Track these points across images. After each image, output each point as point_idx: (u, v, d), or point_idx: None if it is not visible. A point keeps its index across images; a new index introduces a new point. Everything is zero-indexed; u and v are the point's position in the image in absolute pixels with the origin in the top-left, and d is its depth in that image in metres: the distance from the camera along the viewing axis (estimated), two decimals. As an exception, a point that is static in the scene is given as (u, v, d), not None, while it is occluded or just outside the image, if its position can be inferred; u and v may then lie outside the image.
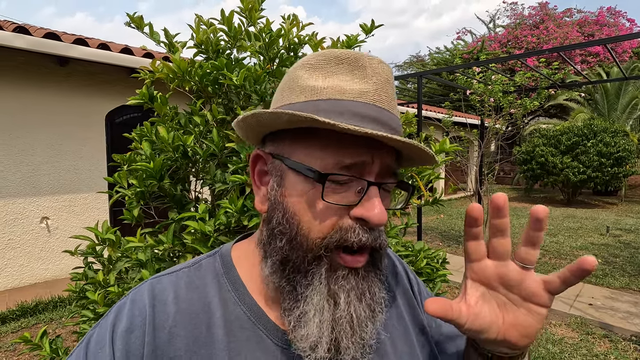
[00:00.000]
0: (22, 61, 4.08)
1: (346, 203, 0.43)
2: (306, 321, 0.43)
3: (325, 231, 0.43)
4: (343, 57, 0.46)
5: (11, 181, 4.12)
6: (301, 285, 0.44)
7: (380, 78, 0.45)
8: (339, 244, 0.43)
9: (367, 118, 0.42)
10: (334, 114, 0.42)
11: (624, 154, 9.52)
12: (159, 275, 0.51)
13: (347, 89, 0.44)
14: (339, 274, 0.44)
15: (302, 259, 0.44)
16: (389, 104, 0.46)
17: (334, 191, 0.43)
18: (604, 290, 4.19)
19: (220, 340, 0.45)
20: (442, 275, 1.40)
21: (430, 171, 1.41)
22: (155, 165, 1.13)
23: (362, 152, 0.43)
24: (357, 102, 0.43)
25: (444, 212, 9.49)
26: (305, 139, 0.44)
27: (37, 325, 3.38)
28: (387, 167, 0.45)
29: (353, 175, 0.43)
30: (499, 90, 5.21)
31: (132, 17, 1.39)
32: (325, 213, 0.43)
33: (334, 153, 0.42)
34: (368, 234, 0.43)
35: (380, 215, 0.42)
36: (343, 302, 0.43)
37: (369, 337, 0.45)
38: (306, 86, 0.45)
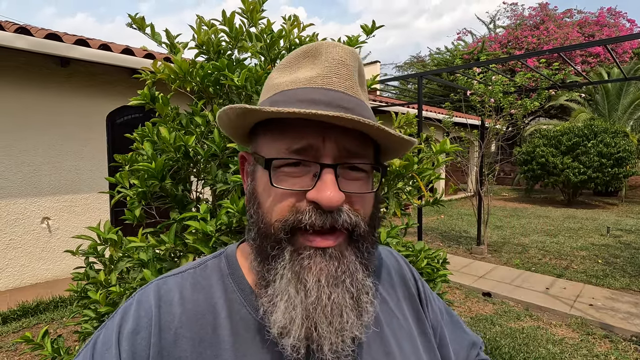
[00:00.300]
0: (23, 62, 4.09)
1: (300, 188, 0.43)
2: (273, 307, 0.43)
3: (281, 214, 0.43)
4: (307, 50, 0.47)
5: (12, 181, 4.13)
6: (268, 271, 0.44)
7: (332, 61, 0.45)
8: (294, 226, 0.42)
9: (312, 101, 0.42)
10: (282, 103, 0.43)
11: (624, 155, 9.51)
12: (164, 276, 0.51)
13: (300, 78, 0.45)
14: (303, 255, 0.42)
15: (266, 245, 0.44)
16: (341, 84, 0.44)
17: (288, 176, 0.43)
18: (605, 291, 4.18)
19: (226, 341, 0.45)
20: (443, 276, 1.40)
21: (430, 171, 1.41)
22: (157, 166, 1.14)
23: (310, 135, 0.42)
24: (305, 89, 0.44)
25: (444, 212, 9.49)
26: (265, 133, 0.46)
27: (38, 325, 3.38)
28: (345, 149, 0.43)
29: (301, 158, 0.42)
30: (499, 90, 5.21)
31: (133, 18, 1.40)
32: (282, 198, 0.43)
33: (283, 140, 0.43)
34: (324, 217, 0.42)
35: (331, 197, 0.41)
36: (312, 286, 0.41)
37: (350, 328, 0.43)
38: (271, 85, 0.48)
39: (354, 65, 0.46)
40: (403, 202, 1.44)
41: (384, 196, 1.39)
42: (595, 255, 5.57)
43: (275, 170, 0.43)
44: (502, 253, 5.78)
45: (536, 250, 5.89)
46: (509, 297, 4.03)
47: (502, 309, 3.77)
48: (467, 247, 6.16)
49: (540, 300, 3.92)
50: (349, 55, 0.46)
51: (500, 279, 4.61)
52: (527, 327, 3.37)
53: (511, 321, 3.50)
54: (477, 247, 5.77)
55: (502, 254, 5.71)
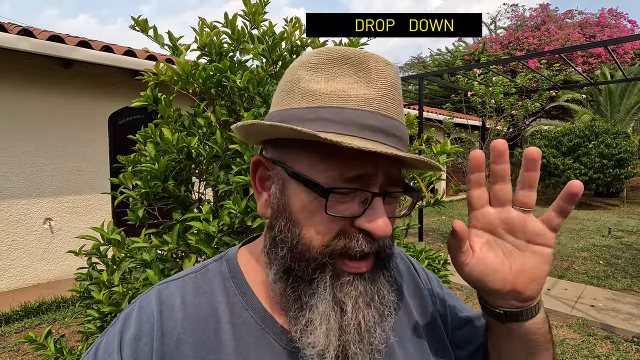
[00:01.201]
0: (26, 63, 4.11)
1: (350, 215, 0.42)
2: (313, 329, 0.43)
3: (328, 240, 0.42)
4: (347, 57, 0.43)
5: (15, 182, 4.14)
6: (306, 294, 0.43)
7: (386, 82, 0.43)
8: (343, 251, 0.42)
9: (371, 128, 0.41)
10: (336, 124, 0.41)
11: (625, 156, 9.50)
12: (166, 281, 0.51)
13: (351, 95, 0.42)
14: (343, 281, 0.43)
15: (305, 268, 0.43)
16: (394, 110, 0.44)
17: (337, 202, 0.42)
18: (606, 292, 4.18)
19: (229, 345, 0.45)
20: (444, 276, 1.41)
21: (431, 172, 1.42)
22: (160, 167, 1.15)
23: (366, 164, 0.41)
24: (361, 111, 0.41)
25: (445, 213, 9.48)
26: (308, 149, 0.43)
27: (40, 325, 3.39)
28: (391, 177, 0.44)
29: (357, 187, 0.42)
30: (500, 91, 5.21)
31: (136, 21, 1.41)
32: (328, 223, 0.42)
33: (337, 165, 0.41)
34: (371, 244, 0.43)
35: (384, 228, 0.41)
36: (350, 309, 0.42)
37: (377, 342, 0.44)
38: (307, 90, 0.43)
39: (400, 87, 0.46)
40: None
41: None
42: (596, 256, 5.56)
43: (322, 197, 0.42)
44: (503, 254, 5.77)
45: (537, 251, 5.88)
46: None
47: (503, 310, 3.76)
48: (468, 248, 6.14)
49: (542, 301, 3.91)
50: (397, 77, 0.45)
51: (502, 280, 4.60)
52: (528, 328, 3.36)
53: (512, 322, 3.49)
54: (478, 248, 5.76)
55: (503, 255, 5.70)
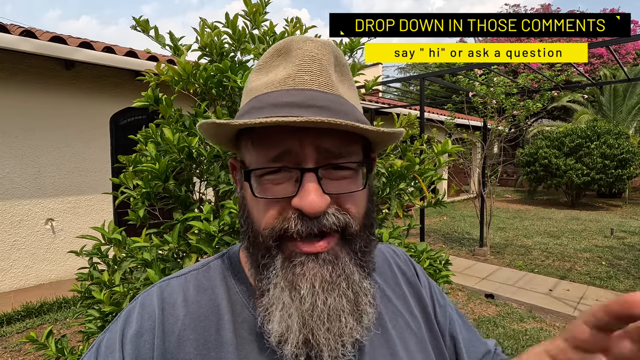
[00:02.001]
0: (28, 64, 4.12)
1: (284, 195, 0.41)
2: (270, 315, 0.42)
3: (268, 223, 0.42)
4: (279, 49, 0.45)
5: (17, 183, 4.16)
6: (261, 280, 0.43)
7: (303, 57, 0.43)
8: (282, 234, 0.42)
9: (286, 105, 0.41)
10: (257, 109, 0.42)
11: (627, 156, 9.47)
12: (167, 278, 0.51)
13: (274, 80, 0.43)
14: (295, 262, 0.41)
15: (258, 254, 0.44)
16: (314, 82, 0.42)
17: (271, 183, 0.42)
18: (609, 293, 4.16)
19: (230, 343, 0.45)
20: (445, 277, 1.40)
21: (432, 172, 1.42)
22: (161, 167, 1.15)
23: (286, 140, 0.41)
24: (278, 92, 0.42)
25: (446, 214, 9.47)
26: (246, 140, 0.45)
27: (42, 325, 3.40)
28: (325, 150, 0.41)
29: (282, 165, 0.41)
30: (501, 92, 5.20)
31: (138, 21, 1.41)
32: (268, 207, 0.42)
33: (261, 148, 0.42)
34: (309, 223, 0.40)
35: (313, 203, 0.39)
36: (307, 293, 0.41)
37: (350, 332, 0.42)
38: (248, 89, 0.47)
39: (328, 58, 0.44)
40: (405, 203, 1.45)
41: (385, 197, 1.40)
42: (599, 257, 5.54)
43: (259, 179, 0.43)
44: (504, 255, 5.76)
45: (539, 252, 5.87)
46: (512, 299, 4.02)
47: (505, 311, 3.75)
48: (469, 248, 6.14)
49: (544, 302, 3.90)
50: (321, 49, 0.44)
51: (503, 280, 4.59)
52: (530, 329, 3.35)
53: (514, 323, 3.48)
54: (480, 249, 5.75)
55: (505, 256, 5.69)
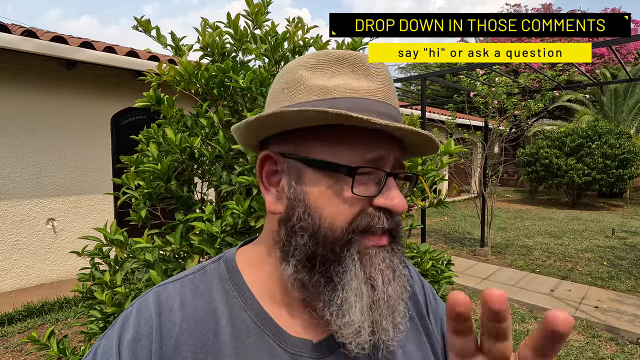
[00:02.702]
0: (29, 64, 4.13)
1: (369, 194, 0.45)
2: (348, 308, 0.43)
3: (350, 218, 0.44)
4: (344, 57, 0.47)
5: (18, 183, 4.16)
6: (337, 274, 0.44)
7: (384, 77, 0.48)
8: (366, 229, 0.44)
9: (381, 114, 0.44)
10: (356, 111, 0.42)
11: (629, 156, 9.45)
12: (164, 283, 0.51)
13: (358, 87, 0.45)
14: (370, 253, 0.44)
15: (331, 249, 0.44)
16: (394, 100, 0.48)
17: (358, 183, 0.44)
18: (610, 293, 4.15)
19: (228, 346, 0.45)
20: (448, 277, 1.40)
21: (434, 173, 1.41)
22: (163, 167, 1.14)
23: (380, 146, 0.45)
24: (370, 100, 0.45)
25: (447, 214, 9.46)
26: (319, 137, 0.45)
27: (43, 325, 3.40)
28: (397, 159, 0.47)
29: (376, 167, 0.45)
30: (502, 92, 5.19)
31: (139, 21, 1.41)
32: (350, 204, 0.44)
33: (356, 148, 0.44)
34: (390, 221, 0.45)
35: (402, 204, 0.45)
36: (380, 283, 0.44)
37: (400, 318, 0.46)
38: (313, 85, 0.45)
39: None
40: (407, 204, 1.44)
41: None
42: (600, 257, 5.53)
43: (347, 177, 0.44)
44: (506, 255, 5.75)
45: (540, 252, 5.86)
46: (514, 299, 4.01)
47: (507, 311, 3.75)
48: (470, 248, 6.13)
49: (545, 302, 3.89)
50: (389, 74, 0.50)
51: (504, 280, 4.58)
52: (532, 329, 3.35)
53: (516, 323, 3.48)
54: (481, 249, 5.74)
55: (506, 256, 5.68)
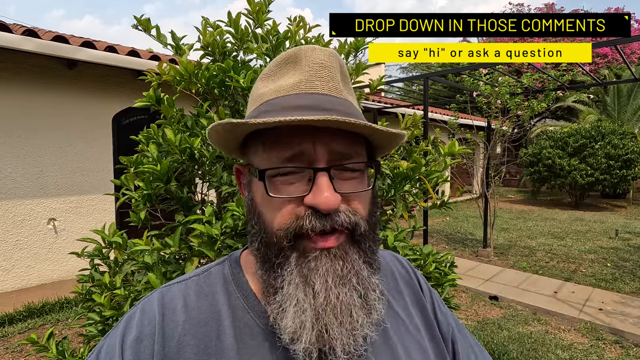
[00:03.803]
0: (31, 64, 4.12)
1: (298, 194, 0.43)
2: (283, 313, 0.43)
3: (283, 222, 0.43)
4: (287, 57, 0.47)
5: (19, 183, 4.16)
6: (276, 279, 0.44)
7: (314, 65, 0.46)
8: (297, 232, 0.43)
9: (298, 108, 0.43)
10: (269, 113, 0.44)
11: (632, 157, 9.39)
12: (169, 284, 0.52)
13: (283, 86, 0.46)
14: (309, 257, 0.43)
15: (271, 253, 0.44)
16: (324, 87, 0.45)
17: (284, 184, 0.44)
18: (614, 295, 4.12)
19: (230, 348, 0.45)
20: (451, 280, 1.38)
21: (438, 174, 1.39)
22: (162, 168, 1.13)
23: (299, 142, 0.43)
24: (289, 96, 0.45)
25: (449, 214, 9.42)
26: (256, 144, 0.46)
27: (43, 326, 3.39)
28: (336, 151, 0.44)
29: (296, 165, 0.43)
30: (505, 92, 5.16)
31: (139, 20, 1.40)
32: (281, 206, 0.44)
33: (274, 149, 0.44)
34: (323, 220, 0.42)
35: (327, 200, 0.41)
36: (320, 288, 0.42)
37: (361, 327, 0.43)
38: (256, 95, 0.49)
39: (335, 66, 0.47)
40: (409, 205, 1.42)
41: (390, 199, 1.37)
42: (604, 259, 5.49)
43: (271, 179, 0.44)
44: (508, 256, 5.72)
45: (543, 253, 5.82)
46: (517, 301, 3.98)
47: (510, 313, 3.72)
48: (473, 249, 6.10)
49: (549, 304, 3.86)
50: (329, 57, 0.47)
51: (507, 282, 4.55)
52: (535, 331, 3.32)
53: (519, 325, 3.45)
54: (483, 250, 5.71)
55: (509, 257, 5.65)
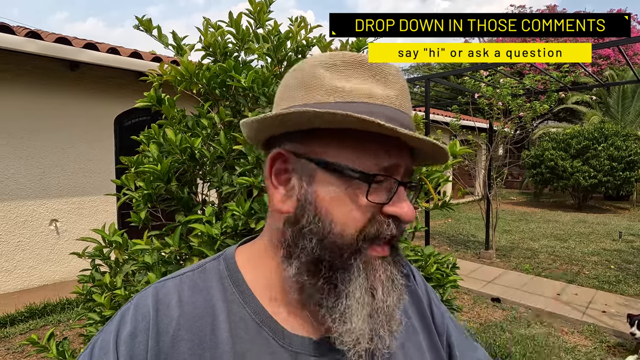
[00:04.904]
0: (33, 65, 4.14)
1: (380, 201, 0.45)
2: (350, 316, 0.44)
3: (361, 226, 0.44)
4: (362, 61, 0.47)
5: (21, 184, 4.17)
6: (343, 282, 0.44)
7: (401, 85, 0.48)
8: (375, 236, 0.44)
9: (396, 121, 0.43)
10: (375, 115, 0.42)
11: (635, 158, 9.34)
12: (163, 279, 0.52)
13: (375, 93, 0.45)
14: (374, 264, 0.45)
15: (339, 256, 0.44)
16: (409, 110, 0.49)
17: (372, 190, 0.44)
18: (618, 297, 4.09)
19: (225, 342, 0.45)
20: (453, 281, 1.37)
21: (439, 174, 1.38)
22: (163, 168, 1.13)
23: (396, 155, 0.45)
24: (386, 107, 0.45)
25: (451, 216, 9.39)
26: (338, 139, 0.44)
27: (45, 326, 3.40)
28: (409, 168, 0.48)
29: (391, 175, 0.45)
30: (507, 93, 5.15)
31: (140, 20, 1.40)
32: (360, 211, 0.44)
33: (372, 155, 0.44)
34: (398, 229, 0.46)
35: (411, 212, 0.45)
36: (380, 293, 0.45)
37: (397, 327, 0.47)
38: (332, 86, 0.45)
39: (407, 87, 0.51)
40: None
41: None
42: (607, 261, 5.46)
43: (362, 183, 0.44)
44: (511, 258, 5.69)
45: (546, 255, 5.79)
46: (519, 303, 3.96)
47: (512, 315, 3.70)
48: (475, 251, 6.07)
49: (551, 306, 3.84)
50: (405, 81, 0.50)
51: (510, 284, 4.53)
52: (538, 334, 3.30)
53: (521, 328, 3.43)
54: (486, 252, 5.69)
55: (511, 259, 5.62)
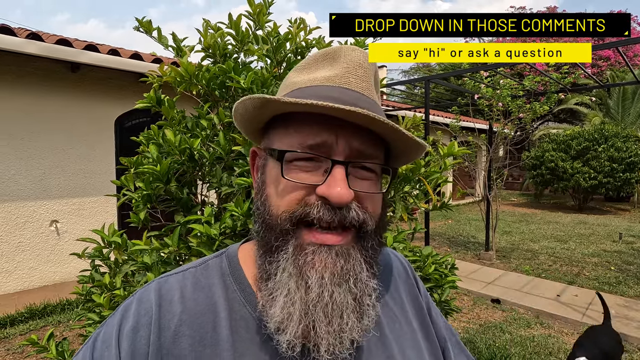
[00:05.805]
0: (34, 67, 4.15)
1: (312, 182, 0.43)
2: (272, 301, 0.42)
3: (289, 206, 0.43)
4: (326, 53, 0.49)
5: (22, 185, 4.18)
6: (271, 263, 0.44)
7: (351, 63, 0.47)
8: (302, 218, 0.42)
9: (329, 98, 0.42)
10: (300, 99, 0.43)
11: (636, 159, 9.33)
12: (166, 275, 0.52)
13: (318, 77, 0.47)
14: (307, 250, 0.42)
15: (270, 236, 0.44)
16: (358, 85, 0.46)
17: (300, 170, 0.44)
18: (618, 299, 4.08)
19: (226, 340, 0.45)
20: (451, 282, 1.37)
21: (438, 175, 1.39)
22: (162, 168, 1.13)
23: (324, 132, 0.43)
24: (322, 86, 0.45)
25: (451, 217, 9.39)
26: (279, 127, 0.47)
27: (45, 327, 3.40)
28: (356, 148, 0.44)
29: (316, 154, 0.43)
30: (507, 94, 5.15)
31: (140, 22, 1.41)
32: (291, 191, 0.43)
33: (298, 134, 0.44)
34: (332, 213, 0.42)
35: (341, 193, 0.41)
36: (314, 283, 0.41)
37: (350, 331, 0.42)
38: (288, 83, 0.50)
39: (371, 68, 0.49)
40: (410, 207, 1.42)
41: (390, 200, 1.37)
42: (607, 262, 5.45)
43: (288, 163, 0.44)
44: (511, 259, 5.68)
45: (546, 257, 5.79)
46: (519, 304, 3.96)
47: (512, 316, 3.69)
48: (475, 252, 6.07)
49: (551, 307, 3.83)
50: (367, 58, 0.48)
51: (510, 285, 4.52)
52: (537, 335, 3.29)
53: (521, 329, 3.42)
54: (486, 253, 5.68)
55: (511, 260, 5.62)
